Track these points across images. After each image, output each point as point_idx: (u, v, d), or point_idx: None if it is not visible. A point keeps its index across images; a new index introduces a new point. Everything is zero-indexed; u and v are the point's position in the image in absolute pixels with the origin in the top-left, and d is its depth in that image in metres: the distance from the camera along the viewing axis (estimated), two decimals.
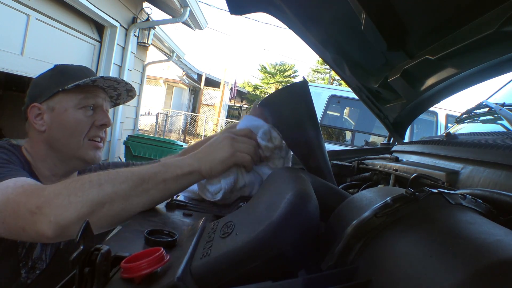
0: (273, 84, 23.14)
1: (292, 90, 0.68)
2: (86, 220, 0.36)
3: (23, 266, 0.82)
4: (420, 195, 0.34)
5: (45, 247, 0.86)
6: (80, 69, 0.97)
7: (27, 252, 0.82)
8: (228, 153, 0.65)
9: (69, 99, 0.91)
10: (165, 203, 0.67)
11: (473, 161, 0.66)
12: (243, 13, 0.98)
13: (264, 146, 0.69)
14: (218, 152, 0.65)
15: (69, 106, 0.90)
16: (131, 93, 1.05)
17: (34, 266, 0.84)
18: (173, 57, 6.77)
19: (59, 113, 0.90)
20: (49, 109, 0.90)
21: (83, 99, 0.91)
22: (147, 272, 0.35)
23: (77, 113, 0.91)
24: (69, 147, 0.90)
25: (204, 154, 0.65)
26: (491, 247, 0.26)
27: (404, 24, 0.76)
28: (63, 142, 0.90)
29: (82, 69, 0.98)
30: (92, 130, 0.93)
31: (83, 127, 0.91)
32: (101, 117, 0.94)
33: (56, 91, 0.90)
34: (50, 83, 0.92)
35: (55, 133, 0.90)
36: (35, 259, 0.83)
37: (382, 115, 1.21)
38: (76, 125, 0.90)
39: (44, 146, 0.90)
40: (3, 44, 2.52)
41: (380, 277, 0.29)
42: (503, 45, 0.64)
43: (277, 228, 0.36)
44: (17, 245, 0.80)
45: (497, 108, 0.92)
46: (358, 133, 4.97)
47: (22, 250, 0.81)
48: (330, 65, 1.11)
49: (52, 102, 0.90)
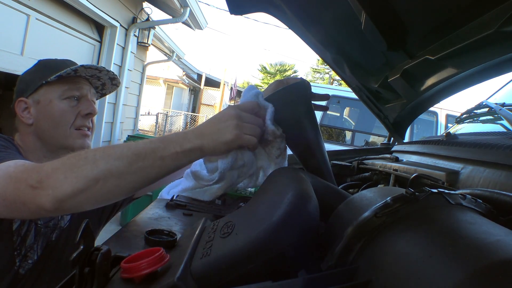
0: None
1: (292, 90, 0.68)
2: (86, 220, 0.36)
3: (17, 254, 0.83)
4: (420, 195, 0.34)
5: (37, 236, 0.87)
6: (63, 62, 0.98)
7: (22, 240, 0.84)
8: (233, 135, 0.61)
9: (53, 90, 0.93)
10: (165, 203, 0.67)
11: (473, 161, 0.66)
12: (243, 13, 0.98)
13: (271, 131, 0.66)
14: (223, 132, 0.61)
15: (53, 97, 0.92)
16: (115, 81, 1.05)
17: (26, 255, 0.85)
18: (173, 57, 6.78)
19: (44, 105, 0.92)
20: (35, 102, 0.93)
21: (66, 90, 0.93)
22: (147, 272, 0.35)
23: (62, 103, 0.92)
24: (56, 137, 0.92)
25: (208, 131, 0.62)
26: (491, 247, 0.26)
27: (404, 24, 0.76)
28: (50, 133, 0.92)
29: (65, 61, 0.99)
30: (78, 120, 0.94)
31: (68, 117, 0.92)
32: (86, 107, 0.95)
33: (40, 84, 0.92)
34: (34, 77, 0.95)
35: (42, 124, 0.92)
36: (28, 247, 0.85)
37: (382, 115, 1.21)
38: (61, 115, 0.91)
39: (32, 138, 0.93)
40: (3, 44, 2.52)
41: (380, 277, 0.29)
42: (503, 45, 0.64)
43: (277, 228, 0.36)
44: (12, 233, 0.82)
45: (497, 108, 0.92)
46: (358, 133, 4.97)
47: (17, 238, 0.83)
48: (330, 65, 1.11)
49: (37, 95, 0.93)
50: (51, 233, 0.90)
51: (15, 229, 0.83)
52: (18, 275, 0.83)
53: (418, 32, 0.78)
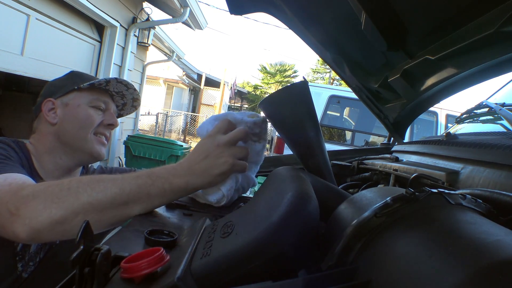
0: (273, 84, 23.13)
1: (292, 90, 0.68)
2: (86, 220, 0.36)
3: (19, 259, 0.83)
4: (420, 195, 0.34)
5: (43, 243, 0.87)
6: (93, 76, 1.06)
7: (24, 246, 0.83)
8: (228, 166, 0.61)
9: (82, 96, 0.98)
10: None
11: (473, 161, 0.66)
12: (243, 13, 0.98)
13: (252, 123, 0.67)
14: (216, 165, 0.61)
15: (82, 102, 0.97)
16: (136, 103, 1.12)
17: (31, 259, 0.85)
18: (173, 57, 6.77)
19: (73, 108, 0.96)
20: (63, 104, 0.97)
21: (95, 99, 0.99)
22: (147, 272, 0.35)
23: (89, 109, 0.98)
24: (77, 139, 0.95)
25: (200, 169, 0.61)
26: (491, 247, 0.26)
27: (404, 24, 0.76)
28: (72, 134, 0.95)
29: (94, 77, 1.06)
30: (100, 127, 0.99)
31: (93, 122, 0.97)
32: (110, 118, 1.02)
33: (71, 88, 0.97)
34: (65, 82, 1.00)
35: (66, 125, 0.95)
36: (32, 253, 0.85)
37: (382, 115, 1.21)
38: (86, 119, 0.96)
39: (52, 138, 0.95)
40: (3, 44, 2.52)
41: (380, 277, 0.29)
42: (503, 45, 0.64)
43: (277, 228, 0.36)
44: None
45: (497, 108, 0.92)
46: (358, 133, 4.97)
47: (19, 244, 0.82)
48: (330, 65, 1.11)
49: (67, 98, 0.97)
50: None
51: None
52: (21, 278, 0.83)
53: (418, 32, 0.78)
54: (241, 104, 23.43)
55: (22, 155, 0.88)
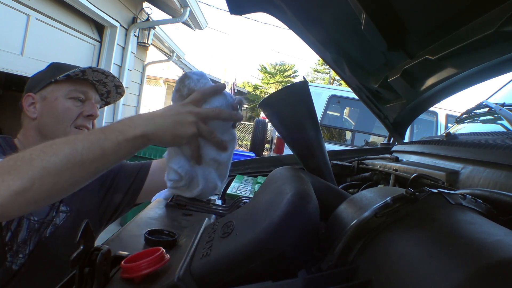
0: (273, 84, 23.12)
1: (292, 90, 0.68)
2: (86, 220, 0.36)
3: (8, 249, 0.83)
4: (420, 195, 0.34)
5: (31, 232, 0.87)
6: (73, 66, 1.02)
7: (13, 236, 0.83)
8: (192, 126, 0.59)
9: (60, 89, 0.96)
10: (165, 203, 0.67)
11: (473, 161, 0.66)
12: (243, 13, 0.98)
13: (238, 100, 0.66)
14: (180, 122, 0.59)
15: (59, 95, 0.96)
16: (120, 90, 1.09)
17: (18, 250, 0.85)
18: (173, 57, 6.77)
19: (50, 101, 0.95)
20: (42, 98, 0.96)
21: (72, 90, 0.97)
22: (147, 272, 0.35)
23: (67, 102, 0.96)
24: (56, 133, 0.94)
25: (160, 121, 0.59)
26: (491, 247, 0.26)
27: (404, 24, 0.76)
28: (51, 128, 0.94)
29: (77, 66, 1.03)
30: (79, 119, 0.97)
31: (71, 115, 0.95)
32: (89, 108, 0.99)
33: (48, 81, 0.96)
34: (44, 76, 0.99)
35: (45, 119, 0.95)
36: (20, 243, 0.85)
37: (382, 115, 1.21)
38: (64, 112, 0.95)
39: (34, 132, 0.95)
40: (3, 44, 2.52)
41: (380, 277, 0.29)
42: (503, 45, 0.64)
43: (277, 228, 0.36)
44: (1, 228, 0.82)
45: (497, 108, 0.92)
46: (358, 133, 4.97)
47: (7, 233, 0.82)
48: (330, 65, 1.11)
49: (45, 92, 0.96)
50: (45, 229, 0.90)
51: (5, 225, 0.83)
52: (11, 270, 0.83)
53: (418, 32, 0.78)
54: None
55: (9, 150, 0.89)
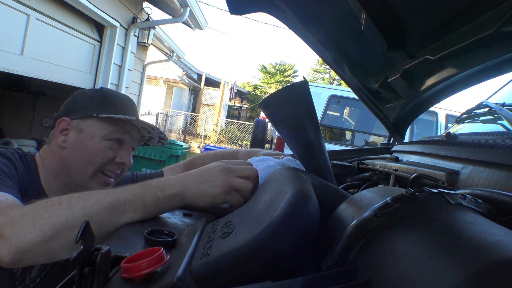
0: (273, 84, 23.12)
1: (292, 90, 0.68)
2: (86, 220, 0.36)
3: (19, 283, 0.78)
4: (420, 195, 0.34)
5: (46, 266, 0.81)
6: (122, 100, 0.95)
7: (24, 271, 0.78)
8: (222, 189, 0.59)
9: (100, 127, 0.88)
10: None
11: (473, 161, 0.66)
12: (243, 13, 0.98)
13: None
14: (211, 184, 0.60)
15: (97, 133, 0.87)
16: (163, 141, 1.02)
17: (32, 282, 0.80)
18: (173, 57, 6.77)
19: (86, 137, 0.87)
20: (78, 128, 0.88)
21: (113, 131, 0.88)
22: (147, 272, 0.35)
23: (102, 143, 0.88)
24: (82, 173, 0.87)
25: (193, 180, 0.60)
26: (491, 247, 0.26)
27: (404, 24, 0.76)
28: (78, 166, 0.86)
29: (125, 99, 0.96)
30: (110, 164, 0.90)
31: (103, 159, 0.88)
32: (124, 155, 0.90)
33: (90, 114, 0.88)
34: (88, 104, 0.91)
35: (74, 154, 0.87)
36: (32, 278, 0.80)
37: (382, 115, 1.21)
38: (97, 154, 0.87)
39: (59, 162, 0.88)
40: (3, 44, 2.52)
41: (380, 277, 0.29)
42: (503, 45, 0.64)
43: (277, 228, 0.36)
44: None
45: (497, 108, 0.92)
46: (358, 133, 4.97)
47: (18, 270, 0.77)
48: (330, 65, 1.11)
49: (83, 123, 0.88)
50: None
51: None
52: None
53: (418, 32, 0.78)
54: (241, 104, 23.43)
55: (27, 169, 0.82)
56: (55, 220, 0.50)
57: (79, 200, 0.53)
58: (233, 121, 15.07)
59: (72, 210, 0.52)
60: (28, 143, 3.89)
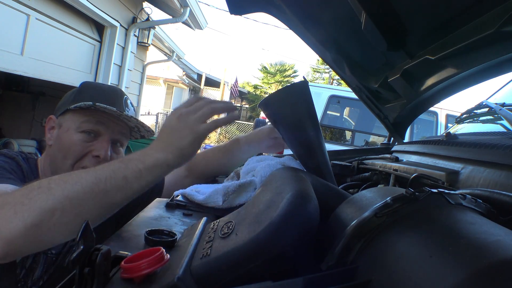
0: (273, 84, 23.12)
1: (292, 90, 0.68)
2: (86, 220, 0.36)
3: (21, 286, 0.77)
4: (420, 195, 0.34)
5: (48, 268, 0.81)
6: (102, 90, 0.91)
7: (27, 273, 0.78)
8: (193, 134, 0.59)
9: (74, 119, 0.85)
10: (165, 203, 0.67)
11: (473, 161, 0.66)
12: (243, 13, 0.98)
13: None
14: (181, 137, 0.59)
15: (71, 126, 0.84)
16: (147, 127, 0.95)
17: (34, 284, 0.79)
18: (173, 57, 6.77)
19: (63, 131, 0.85)
20: (59, 125, 0.87)
21: (84, 122, 0.84)
22: (147, 272, 0.35)
23: (76, 135, 0.84)
24: (61, 169, 0.82)
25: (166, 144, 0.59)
26: (491, 247, 0.26)
27: (404, 24, 0.76)
28: (58, 163, 0.84)
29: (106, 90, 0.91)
30: (85, 159, 0.84)
31: (76, 152, 0.83)
32: (99, 148, 0.84)
33: (67, 108, 0.86)
34: (68, 98, 0.89)
35: (55, 150, 0.85)
36: (35, 280, 0.79)
37: (382, 115, 1.21)
38: (70, 147, 0.83)
39: (48, 160, 0.86)
40: (3, 44, 2.52)
41: (380, 277, 0.29)
42: (503, 45, 0.63)
43: (277, 228, 0.36)
44: (15, 266, 0.75)
45: (497, 108, 0.92)
46: (358, 133, 4.97)
47: (21, 271, 0.76)
48: (330, 65, 1.11)
49: (63, 119, 0.87)
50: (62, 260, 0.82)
51: (19, 262, 0.75)
52: None
53: (418, 32, 0.78)
54: (241, 104, 23.43)
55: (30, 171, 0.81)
56: (35, 205, 0.48)
57: (58, 182, 0.52)
58: None
59: (52, 192, 0.50)
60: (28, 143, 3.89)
